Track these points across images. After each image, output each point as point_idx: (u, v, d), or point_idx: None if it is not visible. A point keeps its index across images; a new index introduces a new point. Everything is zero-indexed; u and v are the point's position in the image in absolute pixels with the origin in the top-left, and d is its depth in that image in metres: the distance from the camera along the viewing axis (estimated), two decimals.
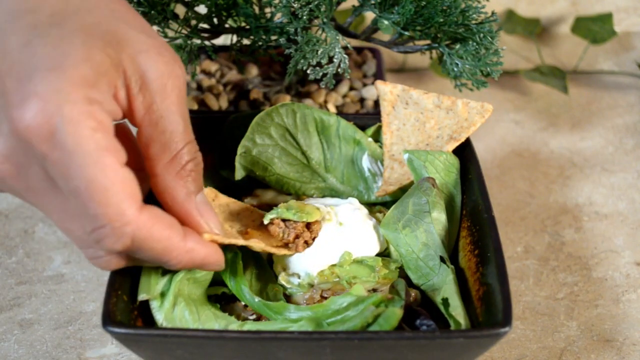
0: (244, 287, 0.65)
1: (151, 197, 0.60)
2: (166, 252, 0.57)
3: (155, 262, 0.59)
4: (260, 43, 0.81)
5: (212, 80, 0.94)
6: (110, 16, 0.56)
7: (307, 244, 0.67)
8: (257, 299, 0.64)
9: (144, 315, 0.61)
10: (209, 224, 0.60)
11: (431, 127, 0.74)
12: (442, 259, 0.66)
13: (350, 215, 0.70)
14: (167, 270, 0.63)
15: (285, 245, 0.67)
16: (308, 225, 0.67)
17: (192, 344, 0.56)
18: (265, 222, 0.67)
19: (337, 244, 0.67)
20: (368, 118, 0.79)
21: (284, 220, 0.67)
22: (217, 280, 0.67)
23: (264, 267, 0.69)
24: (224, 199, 0.70)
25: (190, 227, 0.60)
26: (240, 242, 0.63)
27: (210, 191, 0.69)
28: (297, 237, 0.67)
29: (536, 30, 1.23)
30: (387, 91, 0.75)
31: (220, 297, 0.67)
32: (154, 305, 0.61)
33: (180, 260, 0.58)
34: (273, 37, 0.82)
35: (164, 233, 0.56)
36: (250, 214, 0.70)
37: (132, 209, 0.54)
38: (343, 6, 0.90)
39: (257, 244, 0.65)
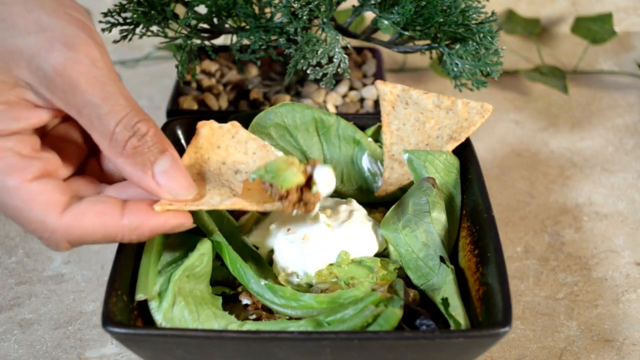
0: (247, 271, 0.64)
1: None
2: (109, 238, 0.58)
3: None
4: (260, 43, 0.81)
5: (212, 80, 0.94)
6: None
7: (305, 206, 0.62)
8: (263, 282, 0.64)
9: (143, 315, 0.61)
10: (171, 191, 0.59)
11: (431, 127, 0.74)
12: (442, 259, 0.66)
13: (348, 215, 0.70)
14: (164, 269, 0.63)
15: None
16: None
17: (191, 343, 0.56)
18: (250, 180, 0.64)
19: (332, 243, 0.67)
20: (368, 118, 0.79)
21: None
22: (217, 280, 0.67)
23: (264, 265, 0.69)
24: (244, 135, 0.67)
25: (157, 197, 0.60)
26: (205, 207, 0.61)
27: (232, 126, 0.67)
28: (282, 198, 0.62)
29: (536, 30, 1.23)
30: (387, 91, 0.75)
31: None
32: (153, 305, 0.61)
33: (130, 239, 0.59)
34: (273, 37, 0.82)
35: (95, 223, 0.57)
36: (266, 154, 0.67)
37: (51, 217, 0.56)
38: (343, 6, 0.90)
39: (232, 205, 0.61)
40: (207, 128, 0.66)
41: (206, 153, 0.66)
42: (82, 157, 0.64)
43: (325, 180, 0.63)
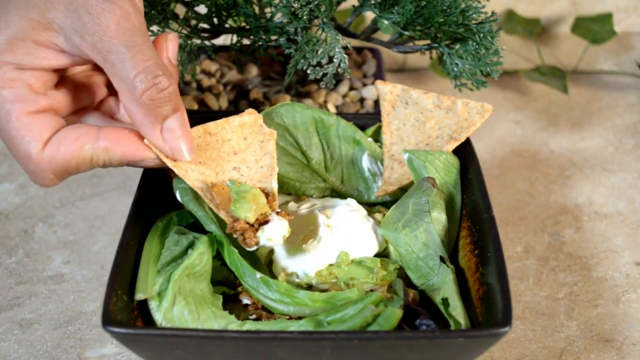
0: (243, 264, 0.64)
1: None
2: (86, 161, 0.61)
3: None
4: (260, 43, 0.81)
5: (212, 80, 0.94)
6: None
7: (243, 240, 0.64)
8: (258, 275, 0.64)
9: (144, 314, 0.61)
10: (172, 149, 0.62)
11: (431, 127, 0.74)
12: (442, 259, 0.66)
13: (348, 216, 0.70)
14: (164, 269, 0.63)
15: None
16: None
17: (192, 343, 0.56)
18: (226, 185, 0.66)
19: (332, 243, 0.67)
20: (368, 118, 0.79)
21: None
22: (217, 280, 0.67)
23: (260, 267, 0.69)
24: (269, 147, 0.68)
25: None
26: (179, 171, 0.62)
27: (270, 133, 0.68)
28: (231, 217, 0.64)
29: (536, 30, 1.23)
30: (387, 91, 0.75)
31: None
32: (153, 305, 0.61)
33: (103, 160, 0.62)
34: (273, 37, 0.82)
35: (72, 148, 0.60)
36: (267, 176, 0.67)
37: (35, 149, 0.60)
38: (343, 6, 0.90)
39: (198, 191, 0.63)
40: (252, 118, 0.68)
41: (231, 134, 0.67)
42: (99, 96, 0.68)
43: (270, 235, 0.64)
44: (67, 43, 0.60)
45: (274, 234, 0.64)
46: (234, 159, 0.67)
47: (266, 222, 0.64)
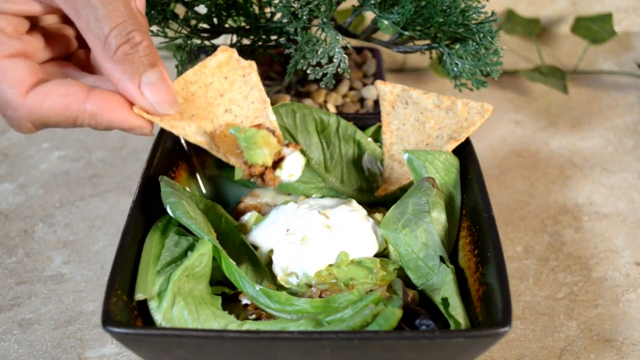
0: (242, 276, 0.65)
1: None
2: (70, 121, 0.59)
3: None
4: (260, 43, 0.81)
5: None
6: None
7: (263, 182, 0.63)
8: (257, 287, 0.64)
9: (143, 314, 0.61)
10: (153, 104, 0.59)
11: (431, 127, 0.74)
12: (441, 259, 0.66)
13: (347, 216, 0.69)
14: (164, 269, 0.63)
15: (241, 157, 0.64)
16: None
17: (191, 343, 0.56)
18: (228, 133, 0.65)
19: (332, 244, 0.67)
20: (368, 118, 0.79)
21: None
22: (217, 280, 0.67)
23: (260, 267, 0.69)
24: (254, 80, 0.67)
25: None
26: (177, 132, 0.61)
27: (249, 65, 0.67)
28: (246, 163, 0.63)
29: (536, 30, 1.23)
30: (387, 91, 0.75)
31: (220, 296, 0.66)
32: (152, 305, 0.61)
33: (88, 124, 0.60)
34: (273, 37, 0.82)
35: (57, 104, 0.58)
36: (262, 109, 0.67)
37: (15, 95, 0.58)
38: (343, 6, 0.90)
39: (200, 143, 0.62)
40: (226, 54, 0.66)
41: (211, 77, 0.66)
42: (70, 48, 0.66)
43: (290, 171, 0.64)
44: None
45: (293, 169, 0.64)
46: (222, 101, 0.66)
47: (281, 159, 0.63)
